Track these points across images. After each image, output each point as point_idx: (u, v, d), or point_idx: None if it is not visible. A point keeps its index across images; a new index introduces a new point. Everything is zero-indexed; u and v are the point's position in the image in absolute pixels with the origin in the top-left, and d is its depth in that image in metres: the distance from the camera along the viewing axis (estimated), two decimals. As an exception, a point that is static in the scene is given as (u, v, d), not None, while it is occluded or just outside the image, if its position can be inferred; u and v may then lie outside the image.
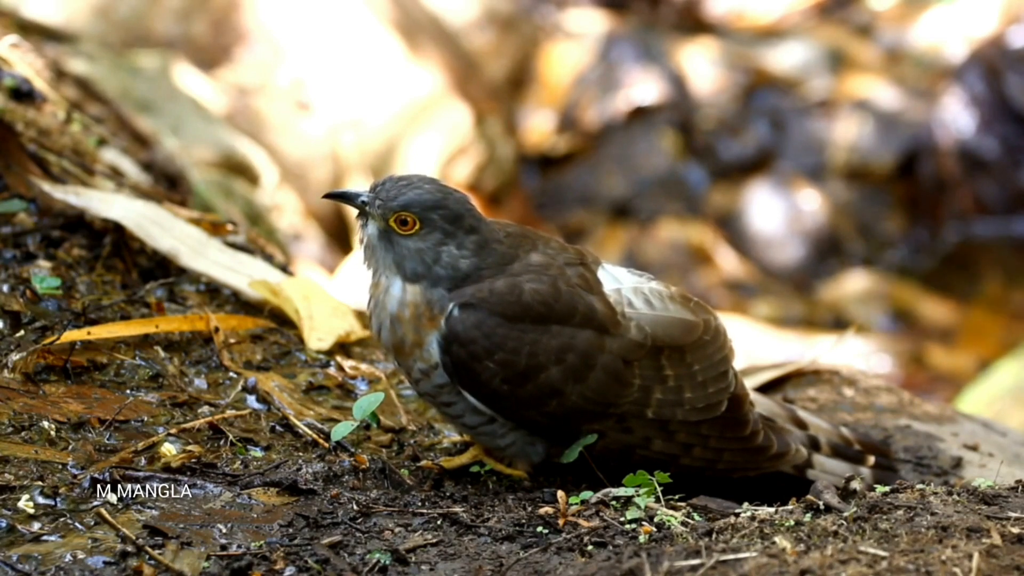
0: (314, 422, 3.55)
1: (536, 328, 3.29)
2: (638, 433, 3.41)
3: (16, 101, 4.88)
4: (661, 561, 2.80)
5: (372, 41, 9.48)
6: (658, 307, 3.41)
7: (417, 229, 3.28)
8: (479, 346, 3.26)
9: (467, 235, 3.30)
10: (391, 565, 2.93)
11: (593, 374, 3.32)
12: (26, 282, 3.80)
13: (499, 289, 3.28)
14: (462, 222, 3.30)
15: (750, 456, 3.54)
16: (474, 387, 3.31)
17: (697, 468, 3.50)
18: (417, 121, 9.60)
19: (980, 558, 2.70)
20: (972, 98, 10.98)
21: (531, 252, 3.37)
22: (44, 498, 3.05)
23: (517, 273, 3.31)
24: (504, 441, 3.41)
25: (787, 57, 11.83)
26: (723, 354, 3.49)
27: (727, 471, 3.55)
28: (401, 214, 3.28)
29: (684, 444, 3.46)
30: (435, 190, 3.31)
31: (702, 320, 3.47)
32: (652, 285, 3.47)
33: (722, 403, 3.47)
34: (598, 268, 3.45)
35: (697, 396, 3.44)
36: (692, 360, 3.44)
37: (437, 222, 3.28)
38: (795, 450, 3.61)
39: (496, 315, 3.27)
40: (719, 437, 3.49)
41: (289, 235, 8.21)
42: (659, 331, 3.39)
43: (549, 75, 11.81)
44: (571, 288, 3.33)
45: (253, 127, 8.83)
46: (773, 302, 10.67)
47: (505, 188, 10.09)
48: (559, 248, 3.43)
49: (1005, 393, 7.88)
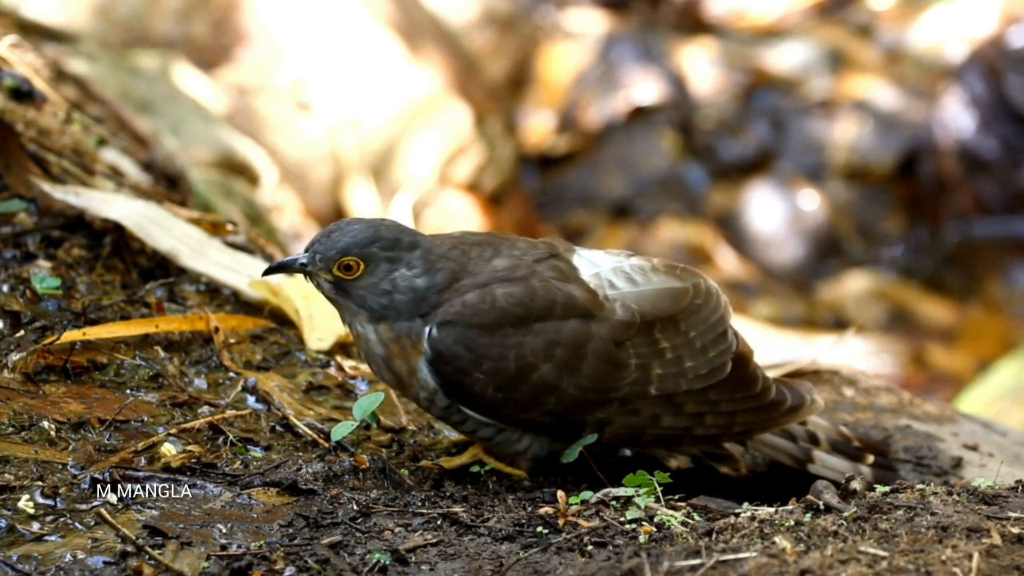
0: (314, 422, 3.55)
1: (518, 331, 3.26)
2: (645, 413, 3.37)
3: (16, 101, 4.87)
4: (661, 561, 2.80)
5: (372, 41, 9.48)
6: (641, 282, 3.37)
7: (363, 269, 3.28)
8: (465, 360, 3.25)
9: (410, 253, 3.29)
10: (391, 565, 2.93)
11: (585, 363, 3.28)
12: (26, 282, 3.80)
13: (471, 301, 3.26)
14: (400, 245, 3.29)
15: (765, 413, 3.48)
16: (469, 400, 3.30)
17: (712, 436, 3.45)
18: (417, 121, 9.59)
19: (980, 558, 2.70)
20: (972, 98, 10.97)
21: (494, 258, 3.34)
22: (44, 498, 3.05)
23: (485, 283, 3.29)
24: (521, 446, 3.40)
25: (787, 57, 11.83)
26: (719, 315, 3.43)
27: (744, 433, 3.49)
28: (342, 261, 3.28)
29: (694, 414, 3.41)
30: (365, 227, 3.31)
31: (691, 285, 3.40)
32: (632, 261, 3.42)
33: (726, 365, 3.41)
34: (573, 255, 3.40)
35: (699, 363, 3.39)
36: (687, 327, 3.38)
37: (378, 255, 3.28)
38: (811, 400, 3.54)
39: (474, 327, 3.25)
40: (730, 400, 3.43)
41: (289, 235, 8.20)
42: (646, 306, 3.35)
43: (549, 75, 11.81)
44: (545, 283, 3.30)
45: (253, 127, 8.82)
46: (773, 302, 10.66)
47: (505, 188, 10.09)
48: (527, 246, 3.39)
49: (1005, 393, 7.87)
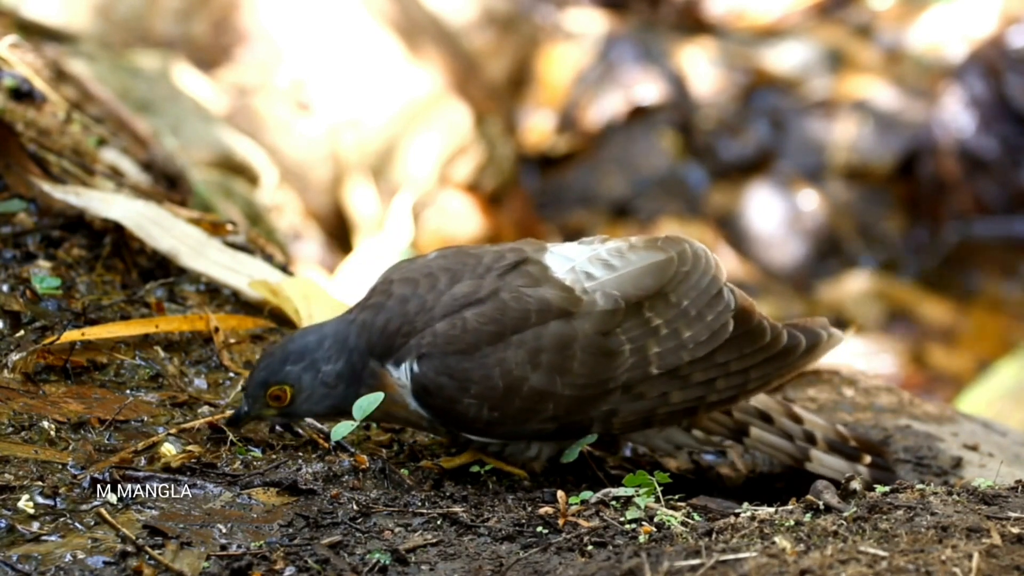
0: (314, 422, 3.55)
1: (496, 347, 3.20)
2: (651, 394, 3.29)
3: (16, 101, 4.87)
4: (661, 561, 2.80)
5: (372, 41, 9.48)
6: (619, 265, 3.28)
7: (290, 391, 3.27)
8: (451, 389, 3.21)
9: (320, 350, 3.26)
10: (391, 565, 2.93)
11: (576, 361, 3.22)
12: (26, 282, 3.79)
13: (442, 330, 3.22)
14: (308, 348, 3.26)
15: (780, 360, 3.39)
16: (466, 426, 3.27)
17: (729, 398, 3.37)
18: (417, 121, 9.60)
19: (980, 558, 2.70)
20: (972, 98, 10.97)
21: (453, 285, 3.27)
22: (44, 498, 3.05)
23: (450, 311, 3.23)
24: (532, 452, 3.39)
25: (787, 57, 11.83)
26: (710, 276, 3.32)
27: (762, 386, 3.41)
28: (271, 391, 3.28)
29: (704, 383, 3.32)
30: (266, 354, 3.31)
31: (675, 254, 3.30)
32: (608, 246, 3.33)
33: (727, 325, 3.31)
34: (545, 255, 3.32)
35: (697, 331, 3.29)
36: (678, 298, 3.29)
37: (293, 372, 3.26)
38: (828, 336, 3.44)
39: (452, 353, 3.20)
40: (739, 358, 3.34)
41: (289, 235, 8.21)
42: (629, 288, 3.26)
43: (549, 75, 11.81)
44: (515, 293, 3.23)
45: (253, 127, 8.82)
46: (773, 302, 10.66)
47: (505, 188, 10.08)
48: (493, 259, 3.31)
49: (1005, 393, 7.88)
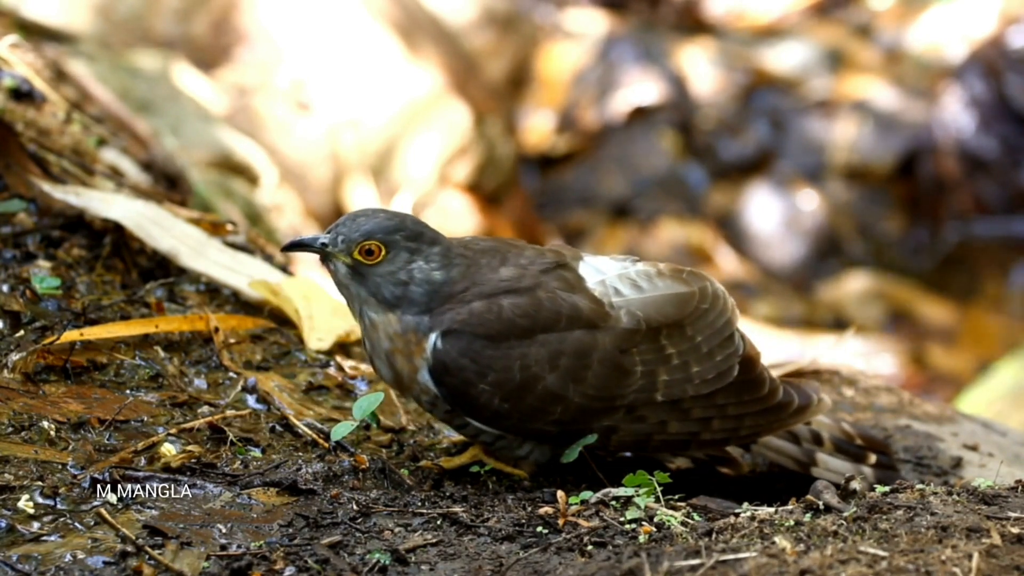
0: (314, 422, 3.55)
1: (523, 342, 3.26)
2: (651, 419, 3.36)
3: (16, 101, 4.87)
4: (661, 561, 2.80)
5: (371, 41, 9.48)
6: (647, 288, 3.36)
7: (384, 255, 3.29)
8: (470, 372, 3.25)
9: (431, 247, 3.30)
10: (391, 565, 2.93)
11: (591, 371, 3.28)
12: (26, 282, 3.80)
13: (478, 310, 3.26)
14: (423, 238, 3.31)
15: (773, 415, 3.48)
16: (475, 411, 3.30)
17: (720, 440, 3.45)
18: (416, 121, 9.59)
19: (980, 558, 2.70)
20: (972, 98, 10.98)
21: (501, 267, 3.33)
22: (44, 498, 3.05)
23: (491, 292, 3.28)
24: (522, 451, 3.41)
25: (787, 57, 11.84)
26: (726, 318, 3.43)
27: (752, 435, 3.50)
28: (365, 244, 3.29)
29: (701, 419, 3.40)
30: (391, 215, 3.34)
31: (697, 289, 3.40)
32: (639, 267, 3.41)
33: (733, 368, 3.41)
34: (579, 264, 3.40)
35: (705, 368, 3.38)
36: (693, 332, 3.38)
37: (401, 243, 3.29)
38: (818, 400, 3.54)
39: (480, 337, 3.25)
40: (737, 403, 3.43)
41: (289, 235, 8.20)
42: (652, 312, 3.34)
43: (549, 75, 11.82)
44: (551, 294, 3.29)
45: (253, 127, 8.82)
46: (773, 302, 10.67)
47: (505, 188, 10.08)
48: (535, 255, 3.39)
49: (1005, 393, 7.88)
